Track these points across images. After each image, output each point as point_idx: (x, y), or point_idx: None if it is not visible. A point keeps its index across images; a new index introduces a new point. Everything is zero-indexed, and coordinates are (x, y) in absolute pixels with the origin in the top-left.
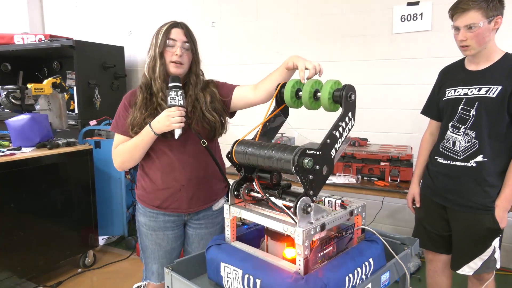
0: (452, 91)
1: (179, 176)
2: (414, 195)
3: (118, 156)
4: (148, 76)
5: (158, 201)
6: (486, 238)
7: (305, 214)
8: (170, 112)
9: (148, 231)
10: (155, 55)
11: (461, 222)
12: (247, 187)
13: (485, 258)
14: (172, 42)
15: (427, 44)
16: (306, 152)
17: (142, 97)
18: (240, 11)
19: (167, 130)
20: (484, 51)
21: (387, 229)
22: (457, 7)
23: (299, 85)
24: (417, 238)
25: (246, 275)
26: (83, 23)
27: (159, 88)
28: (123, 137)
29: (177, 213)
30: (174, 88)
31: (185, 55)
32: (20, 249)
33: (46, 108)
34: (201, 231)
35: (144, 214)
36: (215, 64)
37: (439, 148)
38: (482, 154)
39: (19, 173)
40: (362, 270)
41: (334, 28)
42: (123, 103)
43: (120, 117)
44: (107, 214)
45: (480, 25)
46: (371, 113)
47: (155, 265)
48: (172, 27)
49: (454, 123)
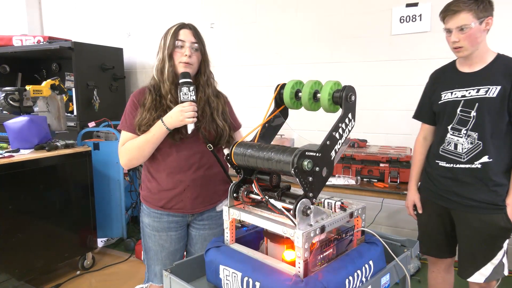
0: (448, 94)
1: (184, 177)
2: (415, 201)
3: (126, 153)
4: (157, 78)
5: (162, 201)
6: (497, 238)
7: (304, 216)
8: (183, 107)
9: (151, 232)
10: (164, 57)
11: (470, 224)
12: (246, 189)
13: (496, 262)
14: (181, 43)
15: (426, 45)
16: (306, 154)
17: (151, 98)
18: (239, 13)
19: (180, 125)
20: (476, 52)
21: (387, 231)
22: (448, 9)
23: (298, 86)
24: (417, 240)
25: (246, 278)
26: (82, 25)
27: (168, 90)
28: (131, 135)
29: (182, 214)
30: (185, 83)
31: (194, 55)
32: (19, 251)
33: (45, 110)
34: (204, 232)
35: (148, 215)
36: (215, 66)
37: (439, 151)
38: (487, 154)
39: (18, 175)
40: (362, 273)
41: (333, 29)
42: (132, 101)
43: (128, 115)
44: (106, 216)
45: (472, 26)
46: (371, 114)
47: (157, 266)
48: (180, 28)
49: (454, 126)
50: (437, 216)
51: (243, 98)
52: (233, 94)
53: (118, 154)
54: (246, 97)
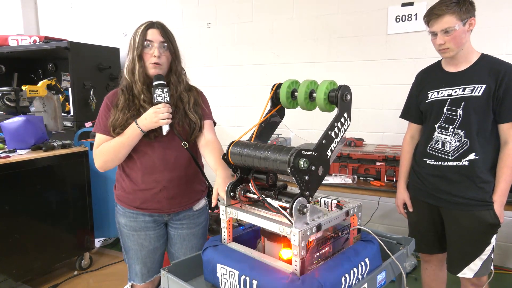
0: (435, 93)
1: (160, 177)
2: (405, 200)
3: (101, 155)
4: (129, 79)
5: (138, 202)
6: (486, 234)
7: (301, 215)
8: (157, 109)
9: (129, 232)
10: (134, 57)
11: (459, 221)
12: (243, 188)
13: (485, 258)
14: (149, 43)
15: (422, 44)
16: (302, 153)
17: (124, 98)
18: (235, 12)
19: (154, 126)
20: (461, 52)
21: (383, 229)
22: (431, 13)
23: (294, 85)
24: (413, 238)
25: (243, 276)
26: (78, 25)
27: (140, 91)
28: (105, 137)
29: (158, 214)
30: (159, 85)
31: (164, 55)
32: (16, 252)
33: (41, 110)
34: (183, 232)
35: (124, 215)
36: (211, 65)
37: (426, 150)
38: (473, 152)
39: (14, 175)
40: (358, 270)
41: (329, 28)
42: (105, 103)
43: (102, 117)
44: (103, 216)
45: (456, 28)
46: (367, 113)
47: (138, 265)
48: (148, 28)
49: (441, 124)
50: (427, 214)
51: (240, 98)
52: (230, 94)
53: (93, 157)
54: (243, 96)
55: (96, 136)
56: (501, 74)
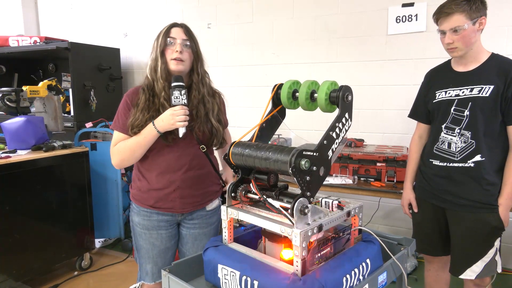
0: (443, 93)
1: (174, 177)
2: (410, 200)
3: (118, 153)
4: (150, 77)
5: (152, 200)
6: (489, 237)
7: (302, 215)
8: (174, 111)
9: (142, 230)
10: (157, 55)
11: (463, 223)
12: (244, 188)
13: (487, 260)
14: (172, 40)
15: (422, 45)
16: (303, 153)
17: (144, 98)
18: (235, 13)
19: (171, 128)
20: (471, 52)
21: (384, 229)
22: (441, 11)
23: (295, 86)
24: (414, 239)
25: (244, 277)
26: (79, 25)
27: (161, 88)
28: (123, 135)
29: (171, 213)
30: (177, 87)
31: (186, 52)
32: (16, 252)
33: (42, 111)
34: (195, 231)
35: (138, 214)
36: (212, 66)
37: (433, 150)
38: (480, 153)
39: (15, 176)
40: (359, 271)
41: (329, 29)
42: (125, 101)
43: (121, 115)
44: (104, 216)
45: (465, 27)
46: (367, 114)
47: (149, 265)
48: (172, 27)
49: (448, 125)
50: (432, 215)
51: (240, 98)
52: (230, 94)
53: (110, 154)
54: (243, 97)
55: (114, 134)
56: (510, 74)
